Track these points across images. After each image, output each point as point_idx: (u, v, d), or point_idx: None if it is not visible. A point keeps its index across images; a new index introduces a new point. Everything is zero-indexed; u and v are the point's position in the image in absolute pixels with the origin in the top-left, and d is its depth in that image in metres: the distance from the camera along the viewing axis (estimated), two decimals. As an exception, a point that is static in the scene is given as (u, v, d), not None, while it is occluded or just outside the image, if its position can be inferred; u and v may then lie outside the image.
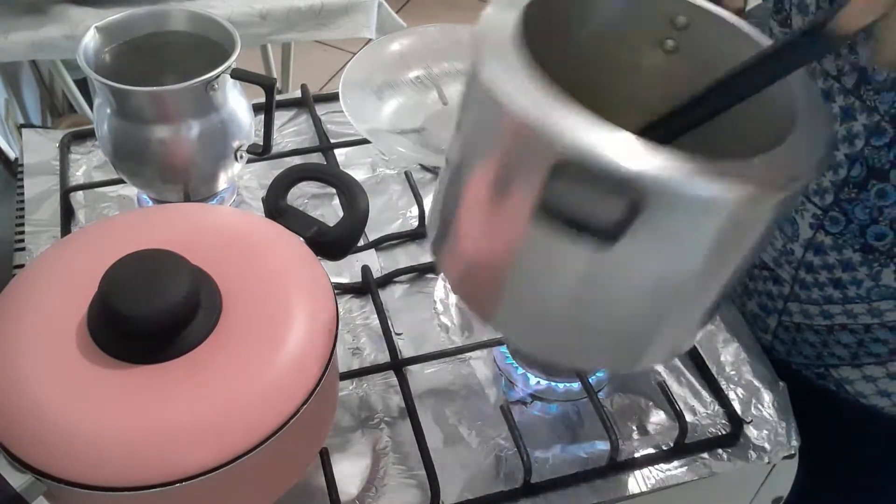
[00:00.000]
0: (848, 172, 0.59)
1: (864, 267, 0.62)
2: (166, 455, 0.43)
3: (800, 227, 0.65)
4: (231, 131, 0.69)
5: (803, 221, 0.64)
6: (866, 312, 0.64)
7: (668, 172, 0.38)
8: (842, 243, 0.62)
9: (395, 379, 0.64)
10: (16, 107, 1.44)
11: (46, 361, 0.46)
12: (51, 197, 0.78)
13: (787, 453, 0.63)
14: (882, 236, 0.60)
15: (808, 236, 0.64)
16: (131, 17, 0.69)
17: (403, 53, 0.87)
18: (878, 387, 0.67)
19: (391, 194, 0.81)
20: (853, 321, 0.65)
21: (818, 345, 0.69)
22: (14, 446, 0.43)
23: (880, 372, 0.66)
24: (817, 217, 0.63)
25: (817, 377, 0.71)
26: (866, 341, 0.65)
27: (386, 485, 0.59)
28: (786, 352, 0.72)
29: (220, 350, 0.47)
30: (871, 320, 0.64)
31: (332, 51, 2.24)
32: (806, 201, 0.63)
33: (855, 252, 0.62)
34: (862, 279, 0.63)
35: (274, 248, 0.53)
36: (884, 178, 0.58)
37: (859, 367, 0.67)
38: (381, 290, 0.71)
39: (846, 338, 0.66)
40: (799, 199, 0.64)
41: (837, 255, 0.63)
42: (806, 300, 0.67)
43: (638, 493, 0.60)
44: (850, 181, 0.60)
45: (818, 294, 0.66)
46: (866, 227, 0.60)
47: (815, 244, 0.64)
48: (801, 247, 0.65)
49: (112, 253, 0.48)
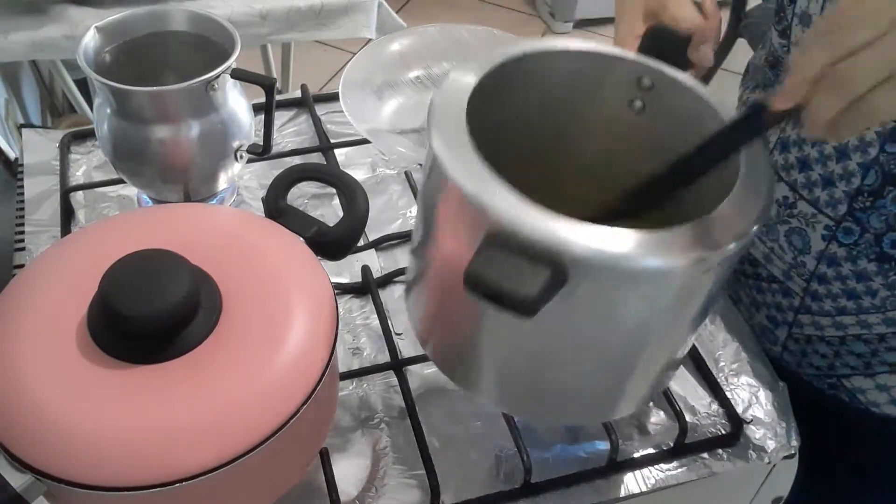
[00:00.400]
0: (862, 181, 0.59)
1: (879, 276, 0.61)
2: (166, 455, 0.43)
3: (811, 240, 0.64)
4: (231, 131, 0.69)
5: (815, 234, 0.64)
6: (881, 322, 0.63)
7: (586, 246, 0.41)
8: (856, 254, 0.62)
9: (395, 379, 0.64)
10: (16, 107, 1.44)
11: (46, 361, 0.46)
12: (51, 197, 0.78)
13: (787, 453, 0.63)
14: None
15: (821, 248, 0.64)
16: (131, 17, 0.69)
17: (403, 53, 0.87)
18: (892, 395, 0.67)
19: (391, 194, 0.81)
20: (867, 331, 0.64)
21: (830, 355, 0.68)
22: (14, 446, 0.43)
23: (894, 381, 0.66)
24: (830, 228, 0.62)
25: (829, 387, 0.70)
26: (880, 351, 0.65)
27: (386, 485, 0.59)
28: (796, 363, 0.71)
29: (220, 350, 0.47)
30: (885, 329, 0.64)
31: (332, 51, 2.24)
32: (818, 213, 0.63)
33: (870, 262, 0.61)
34: (877, 289, 0.62)
35: (274, 248, 0.53)
36: None
37: (872, 377, 0.67)
38: (381, 290, 0.71)
39: (859, 348, 0.66)
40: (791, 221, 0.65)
41: (852, 266, 0.62)
42: (818, 312, 0.67)
43: (638, 493, 0.60)
44: (864, 189, 0.59)
45: (831, 305, 0.66)
46: (882, 235, 0.60)
47: (827, 256, 0.64)
48: (814, 259, 0.65)
49: (112, 253, 0.48)
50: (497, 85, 0.52)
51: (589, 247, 0.41)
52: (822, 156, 0.61)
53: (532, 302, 0.40)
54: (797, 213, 0.65)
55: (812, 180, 0.62)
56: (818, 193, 0.62)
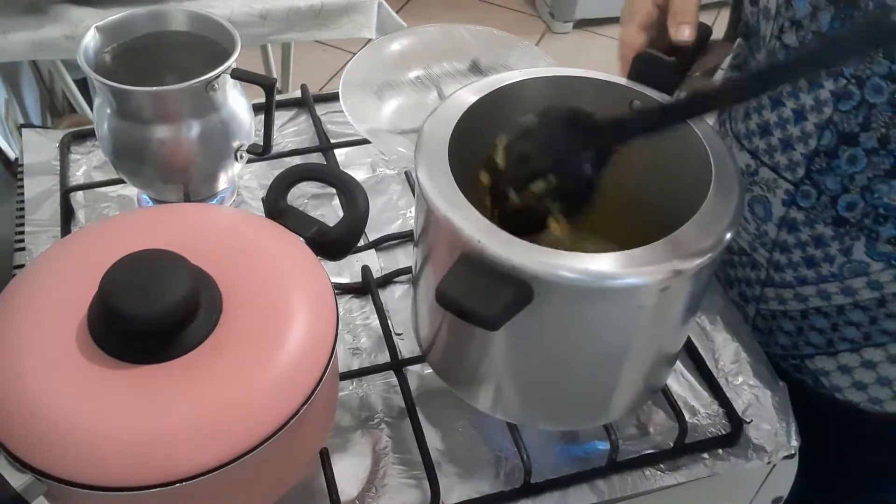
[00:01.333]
0: (818, 142, 0.60)
1: (835, 242, 0.63)
2: (166, 455, 0.43)
3: (772, 206, 0.66)
4: (231, 131, 0.69)
5: (776, 199, 0.65)
6: (839, 292, 0.65)
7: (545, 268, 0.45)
8: (814, 217, 0.63)
9: (395, 379, 0.64)
10: (16, 107, 1.44)
11: (46, 361, 0.46)
12: (51, 197, 0.78)
13: (787, 453, 0.63)
14: (853, 206, 0.61)
15: (781, 214, 0.65)
16: (131, 17, 0.69)
17: (403, 53, 0.87)
18: (854, 378, 0.68)
19: (391, 194, 0.81)
20: (826, 303, 0.66)
21: (793, 332, 0.70)
22: (14, 446, 0.43)
23: (855, 361, 0.67)
24: (789, 193, 0.64)
25: (794, 369, 0.71)
26: (840, 325, 0.66)
27: (386, 485, 0.59)
28: (764, 342, 0.72)
29: (221, 350, 0.47)
30: (843, 300, 0.65)
31: (332, 51, 2.24)
32: (778, 178, 0.64)
33: (827, 226, 0.63)
34: (834, 255, 0.63)
35: (274, 248, 0.53)
36: (853, 143, 0.59)
37: (834, 356, 0.68)
38: (381, 290, 0.71)
39: (820, 322, 0.67)
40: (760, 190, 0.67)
41: (810, 231, 0.64)
42: (780, 283, 0.68)
43: (638, 493, 0.60)
44: (821, 150, 0.61)
45: (792, 276, 0.67)
46: (837, 197, 0.61)
47: (787, 221, 0.65)
48: (775, 225, 0.66)
49: (112, 253, 0.48)
50: (491, 110, 0.56)
51: (548, 268, 0.45)
52: (781, 119, 0.63)
53: (493, 318, 0.44)
54: (759, 181, 0.66)
55: (772, 145, 0.64)
56: (778, 158, 0.64)
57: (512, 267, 0.45)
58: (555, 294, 0.46)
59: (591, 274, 0.45)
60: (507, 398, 0.56)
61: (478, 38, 0.89)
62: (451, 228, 0.47)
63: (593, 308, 0.48)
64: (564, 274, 0.45)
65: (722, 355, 0.69)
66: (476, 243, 0.46)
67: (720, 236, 0.47)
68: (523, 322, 0.46)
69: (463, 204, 0.48)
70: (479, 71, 0.87)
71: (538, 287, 0.45)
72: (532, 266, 0.45)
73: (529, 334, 0.49)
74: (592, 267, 0.45)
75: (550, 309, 0.47)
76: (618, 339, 0.51)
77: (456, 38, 0.89)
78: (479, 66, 0.88)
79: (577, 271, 0.45)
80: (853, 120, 0.58)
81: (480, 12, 2.62)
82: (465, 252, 0.46)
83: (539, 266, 0.45)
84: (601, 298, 0.47)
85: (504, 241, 0.46)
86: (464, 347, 0.55)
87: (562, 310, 0.47)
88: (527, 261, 0.45)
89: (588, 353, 0.51)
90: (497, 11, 2.64)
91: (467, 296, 0.44)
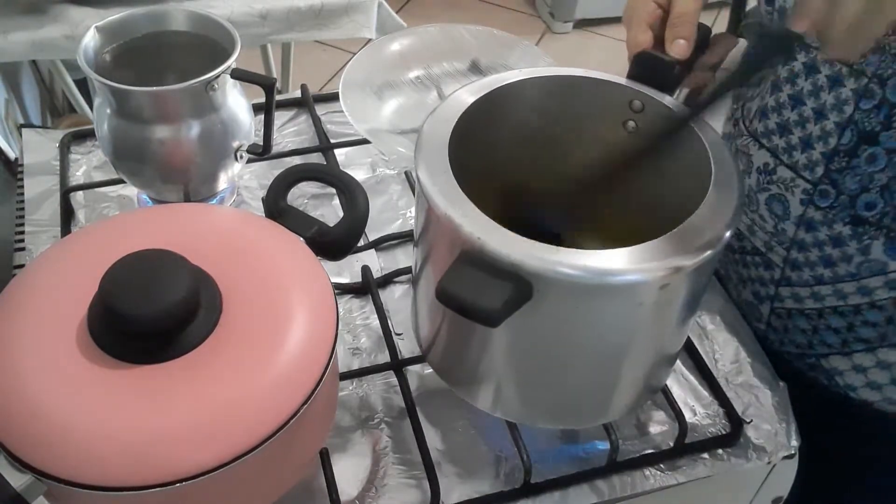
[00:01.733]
0: (838, 140, 0.60)
1: (853, 241, 0.63)
2: (166, 455, 0.43)
3: (790, 205, 0.66)
4: (231, 131, 0.69)
5: (794, 198, 0.65)
6: (856, 291, 0.64)
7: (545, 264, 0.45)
8: (832, 217, 0.63)
9: (395, 379, 0.64)
10: (16, 107, 1.44)
11: (46, 361, 0.46)
12: (51, 197, 0.78)
13: (787, 453, 0.63)
14: (872, 206, 0.61)
15: (799, 213, 0.65)
16: (131, 17, 0.69)
17: (403, 53, 0.87)
18: (868, 378, 0.67)
19: (391, 194, 0.81)
20: (843, 302, 0.65)
21: (809, 331, 0.69)
22: (14, 446, 0.43)
23: (870, 361, 0.67)
24: (807, 192, 0.64)
25: (808, 368, 0.71)
26: (856, 325, 0.66)
27: (386, 485, 0.59)
28: (779, 341, 0.72)
29: (220, 350, 0.47)
30: (860, 300, 0.64)
31: (332, 51, 2.24)
32: (796, 177, 0.64)
33: (845, 226, 0.63)
34: (852, 254, 0.63)
35: (274, 248, 0.53)
36: (874, 142, 0.58)
37: (849, 356, 0.67)
38: (381, 290, 0.71)
39: (836, 321, 0.67)
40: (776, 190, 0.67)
41: (828, 231, 0.64)
42: (797, 282, 0.68)
43: (638, 493, 0.60)
44: (840, 149, 0.60)
45: (809, 275, 0.67)
46: (856, 196, 0.61)
47: (806, 220, 0.65)
48: (793, 224, 0.66)
49: (112, 253, 0.48)
50: (491, 110, 0.56)
51: (548, 264, 0.45)
52: (802, 118, 0.63)
53: (494, 314, 0.44)
54: (776, 180, 0.66)
55: (792, 144, 0.64)
56: (797, 157, 0.64)
57: (512, 263, 0.45)
58: (555, 290, 0.46)
59: (590, 270, 0.45)
60: (507, 397, 0.56)
61: (478, 38, 0.89)
62: (451, 226, 0.47)
63: (593, 305, 0.48)
64: (564, 270, 0.45)
65: (722, 355, 0.69)
66: (476, 240, 0.46)
67: (720, 233, 0.47)
68: (523, 319, 0.46)
69: (463, 201, 0.48)
70: (479, 71, 0.87)
71: (538, 283, 0.45)
72: (532, 262, 0.45)
73: (530, 332, 0.49)
74: (592, 263, 0.45)
75: (550, 306, 0.47)
76: (618, 337, 0.51)
77: (456, 38, 0.89)
78: (479, 66, 0.88)
79: (576, 268, 0.45)
80: (874, 119, 0.58)
81: (480, 12, 2.62)
82: (465, 249, 0.46)
83: (539, 262, 0.45)
84: (601, 295, 0.47)
85: (504, 238, 0.46)
86: (464, 346, 0.55)
87: (562, 306, 0.48)
88: (527, 257, 0.45)
89: (588, 351, 0.51)
90: (497, 11, 2.64)
91: (468, 292, 0.44)
